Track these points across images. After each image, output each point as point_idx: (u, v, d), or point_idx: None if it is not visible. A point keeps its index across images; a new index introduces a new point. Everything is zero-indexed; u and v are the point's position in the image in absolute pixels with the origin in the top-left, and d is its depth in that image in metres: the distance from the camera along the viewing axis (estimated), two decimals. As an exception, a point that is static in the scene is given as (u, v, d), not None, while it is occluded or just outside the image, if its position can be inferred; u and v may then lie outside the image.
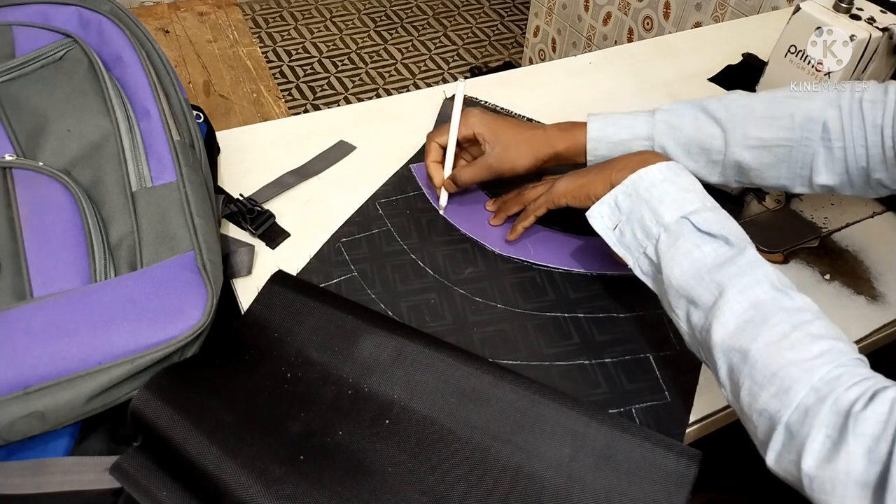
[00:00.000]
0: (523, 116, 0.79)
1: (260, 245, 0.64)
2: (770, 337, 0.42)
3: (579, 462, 0.47)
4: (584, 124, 0.63)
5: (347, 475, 0.46)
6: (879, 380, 0.39)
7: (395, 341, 0.54)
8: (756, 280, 0.44)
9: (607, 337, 0.58)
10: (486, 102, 0.80)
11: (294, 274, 0.61)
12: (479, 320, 0.59)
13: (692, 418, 0.53)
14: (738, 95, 0.59)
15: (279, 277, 0.59)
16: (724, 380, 0.44)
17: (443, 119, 0.79)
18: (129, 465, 0.47)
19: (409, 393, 0.51)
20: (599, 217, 0.54)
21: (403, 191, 0.71)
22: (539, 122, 0.70)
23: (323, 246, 0.64)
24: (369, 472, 0.47)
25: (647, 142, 0.61)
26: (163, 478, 0.46)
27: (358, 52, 2.47)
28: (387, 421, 0.50)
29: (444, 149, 0.65)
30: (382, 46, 2.51)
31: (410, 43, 2.55)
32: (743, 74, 0.90)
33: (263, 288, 0.58)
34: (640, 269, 0.52)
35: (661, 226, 0.49)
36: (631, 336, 0.58)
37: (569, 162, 0.64)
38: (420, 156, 0.75)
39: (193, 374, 0.51)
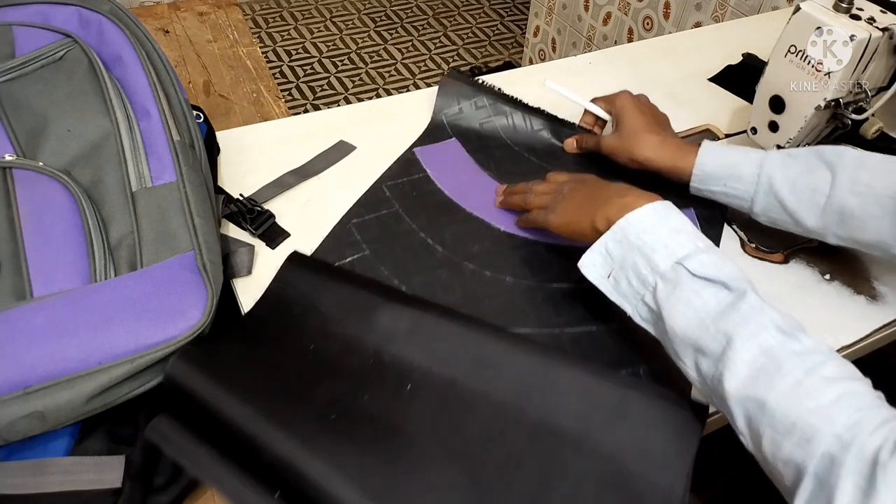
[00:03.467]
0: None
1: (260, 245, 0.64)
2: (784, 385, 0.41)
3: (593, 419, 0.49)
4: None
5: (375, 436, 0.48)
6: None
7: (411, 312, 0.55)
8: (762, 326, 0.44)
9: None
10: (491, 87, 0.80)
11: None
12: (489, 293, 0.61)
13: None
14: (855, 148, 0.58)
15: (296, 258, 0.61)
16: (743, 429, 0.43)
17: (443, 97, 0.78)
18: (163, 426, 0.48)
19: (428, 360, 0.53)
20: (592, 266, 0.52)
21: (409, 173, 0.72)
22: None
23: (335, 227, 0.66)
24: (395, 433, 0.48)
25: (756, 168, 0.60)
26: (195, 439, 0.47)
27: (358, 52, 2.47)
28: (408, 386, 0.51)
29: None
30: (382, 46, 2.51)
31: (410, 43, 2.55)
32: (743, 74, 0.90)
33: (281, 268, 0.60)
34: (640, 316, 0.51)
35: (657, 273, 0.48)
36: None
37: (673, 176, 0.67)
38: (423, 139, 0.76)
39: (221, 348, 0.53)
